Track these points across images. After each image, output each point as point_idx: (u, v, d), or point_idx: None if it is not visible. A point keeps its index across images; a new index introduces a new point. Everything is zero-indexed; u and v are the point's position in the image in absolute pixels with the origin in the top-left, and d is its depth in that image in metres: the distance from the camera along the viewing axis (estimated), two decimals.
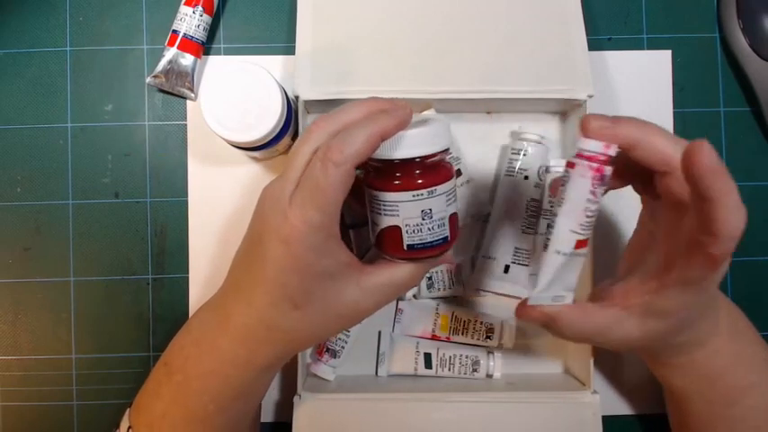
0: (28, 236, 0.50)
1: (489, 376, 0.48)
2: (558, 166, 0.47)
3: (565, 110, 0.50)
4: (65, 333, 0.50)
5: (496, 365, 0.48)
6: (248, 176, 0.49)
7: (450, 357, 0.48)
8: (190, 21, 0.47)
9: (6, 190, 0.50)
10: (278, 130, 0.41)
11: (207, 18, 0.48)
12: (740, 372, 0.39)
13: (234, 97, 0.40)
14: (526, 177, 0.47)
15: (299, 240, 0.32)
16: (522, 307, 0.35)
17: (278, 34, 0.51)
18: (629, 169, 0.35)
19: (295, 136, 0.47)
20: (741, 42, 0.50)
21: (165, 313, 0.50)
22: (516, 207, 0.47)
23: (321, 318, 0.35)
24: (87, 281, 0.50)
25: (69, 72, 0.50)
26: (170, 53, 0.48)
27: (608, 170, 0.32)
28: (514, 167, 0.47)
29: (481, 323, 0.48)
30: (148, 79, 0.48)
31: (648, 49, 0.51)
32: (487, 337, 0.48)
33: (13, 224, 0.50)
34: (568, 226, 0.33)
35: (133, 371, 0.49)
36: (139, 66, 0.51)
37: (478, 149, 0.50)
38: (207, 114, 0.40)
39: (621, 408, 0.50)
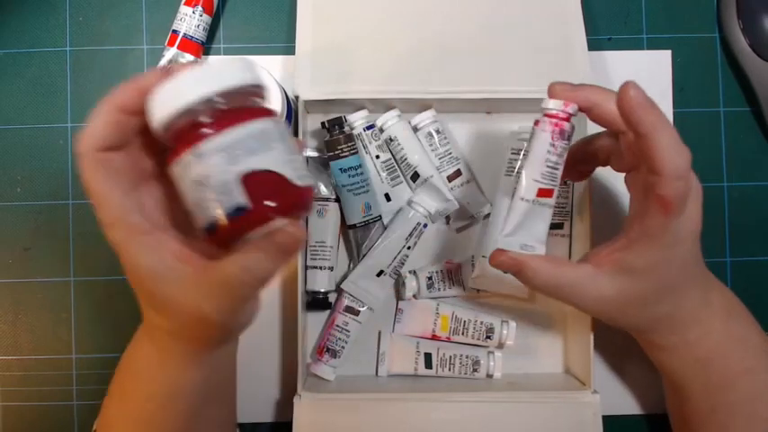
0: (28, 236, 0.50)
1: (489, 376, 0.48)
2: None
3: None
4: (65, 333, 0.50)
5: (497, 365, 0.48)
6: None
7: (451, 357, 0.48)
8: (190, 21, 0.47)
9: (6, 190, 0.50)
10: None
11: (207, 18, 0.48)
12: (735, 355, 0.39)
13: None
14: None
15: (114, 242, 0.30)
16: (494, 253, 0.37)
17: (278, 34, 0.51)
18: (593, 151, 0.39)
19: (295, 136, 0.47)
20: (741, 42, 0.50)
21: None
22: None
23: (181, 318, 0.31)
24: (87, 281, 0.50)
25: (69, 72, 0.50)
26: (170, 53, 0.48)
27: (567, 126, 0.36)
28: (514, 167, 0.47)
29: (481, 323, 0.48)
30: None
31: (648, 49, 0.52)
32: (487, 337, 0.48)
33: (13, 224, 0.50)
34: (531, 176, 0.37)
35: None
36: (139, 66, 0.51)
37: (478, 149, 0.50)
38: None
39: (621, 408, 0.50)
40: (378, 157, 0.48)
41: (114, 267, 0.49)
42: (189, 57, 0.48)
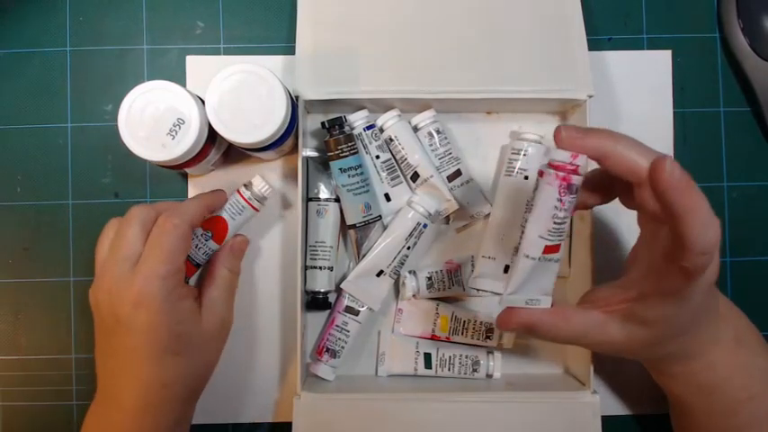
0: (28, 236, 0.50)
1: (489, 376, 0.48)
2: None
3: (565, 110, 0.50)
4: (65, 333, 0.50)
5: (496, 365, 0.48)
6: (248, 176, 0.49)
7: (450, 357, 0.48)
8: (194, 240, 0.45)
9: (6, 190, 0.50)
10: (283, 130, 0.41)
11: (212, 245, 0.46)
12: (740, 382, 0.38)
13: (239, 99, 0.40)
14: (526, 177, 0.47)
15: (151, 295, 0.37)
16: (502, 316, 0.36)
17: (278, 34, 0.51)
18: (610, 182, 0.36)
19: (295, 136, 0.47)
20: (741, 42, 0.50)
21: None
22: (516, 207, 0.47)
23: (202, 346, 0.41)
24: (87, 281, 0.50)
25: (69, 72, 0.50)
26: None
27: (575, 179, 0.32)
28: (514, 167, 0.47)
29: (481, 323, 0.48)
30: None
31: (648, 49, 0.51)
32: (487, 337, 0.48)
33: (13, 224, 0.50)
34: (537, 232, 0.33)
35: None
36: (139, 66, 0.51)
37: (478, 149, 0.50)
38: (212, 116, 0.40)
39: (621, 408, 0.50)
40: (378, 157, 0.48)
41: None
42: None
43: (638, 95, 0.51)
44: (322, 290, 0.47)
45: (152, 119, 0.40)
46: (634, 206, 0.35)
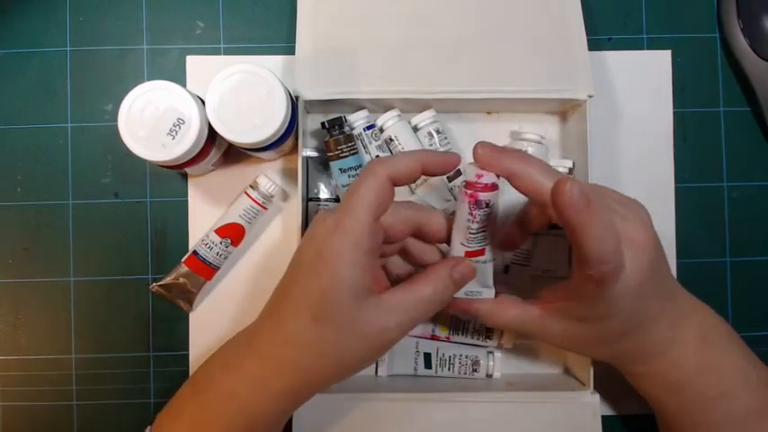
0: (28, 236, 0.50)
1: (489, 376, 0.48)
2: (558, 167, 0.47)
3: (565, 110, 0.50)
4: (65, 333, 0.50)
5: (496, 365, 0.48)
6: (249, 176, 0.49)
7: (450, 357, 0.48)
8: (215, 249, 0.47)
9: (6, 190, 0.50)
10: (283, 130, 0.41)
11: (232, 249, 0.47)
12: (709, 381, 0.39)
13: (239, 99, 0.40)
14: None
15: (329, 246, 0.33)
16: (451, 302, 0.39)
17: (278, 34, 0.51)
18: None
19: (295, 136, 0.47)
20: (741, 42, 0.50)
21: (164, 313, 0.50)
22: (516, 207, 0.46)
23: (342, 337, 0.34)
24: (87, 281, 0.50)
25: (69, 72, 0.50)
26: (182, 270, 0.47)
27: (483, 196, 0.35)
28: None
29: (481, 323, 0.48)
30: (152, 286, 0.48)
31: (648, 49, 0.52)
32: (487, 338, 0.48)
33: (13, 224, 0.50)
34: (458, 239, 0.37)
35: (133, 371, 0.49)
36: (139, 66, 0.51)
37: None
38: (212, 116, 0.40)
39: (621, 408, 0.50)
40: (378, 157, 0.48)
41: (114, 267, 0.50)
42: (199, 278, 0.47)
43: (638, 95, 0.51)
44: None
45: (152, 119, 0.40)
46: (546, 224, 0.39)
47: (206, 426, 0.36)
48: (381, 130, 0.48)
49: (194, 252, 0.47)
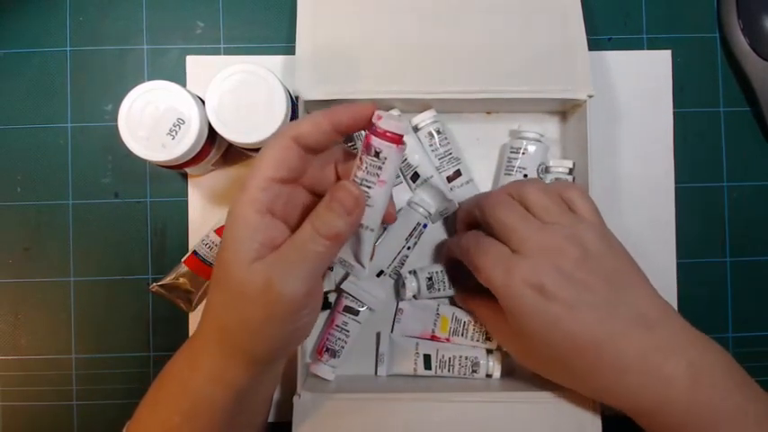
0: (28, 236, 0.50)
1: (489, 376, 0.48)
2: (558, 167, 0.47)
3: (565, 110, 0.50)
4: (65, 333, 0.50)
5: (496, 366, 0.48)
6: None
7: (450, 359, 0.48)
8: (215, 249, 0.47)
9: (6, 190, 0.50)
10: None
11: None
12: (702, 423, 0.36)
13: (239, 99, 0.40)
14: (525, 176, 0.47)
15: (232, 207, 0.33)
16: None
17: (278, 34, 0.51)
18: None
19: None
20: (741, 42, 0.50)
21: (164, 313, 0.50)
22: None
23: (235, 300, 0.33)
24: (87, 281, 0.50)
25: (69, 72, 0.50)
26: (182, 270, 0.47)
27: (375, 142, 0.33)
28: (513, 166, 0.47)
29: (481, 324, 0.48)
30: (152, 286, 0.48)
31: (648, 49, 0.52)
32: (488, 339, 0.48)
33: (13, 224, 0.50)
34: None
35: (133, 371, 0.49)
36: (139, 66, 0.51)
37: (478, 149, 0.50)
38: (212, 116, 0.40)
39: None
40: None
41: (114, 267, 0.50)
42: (200, 279, 0.48)
43: (638, 95, 0.51)
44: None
45: (152, 119, 0.40)
46: None
47: (159, 411, 0.37)
48: None
49: (194, 252, 0.47)
